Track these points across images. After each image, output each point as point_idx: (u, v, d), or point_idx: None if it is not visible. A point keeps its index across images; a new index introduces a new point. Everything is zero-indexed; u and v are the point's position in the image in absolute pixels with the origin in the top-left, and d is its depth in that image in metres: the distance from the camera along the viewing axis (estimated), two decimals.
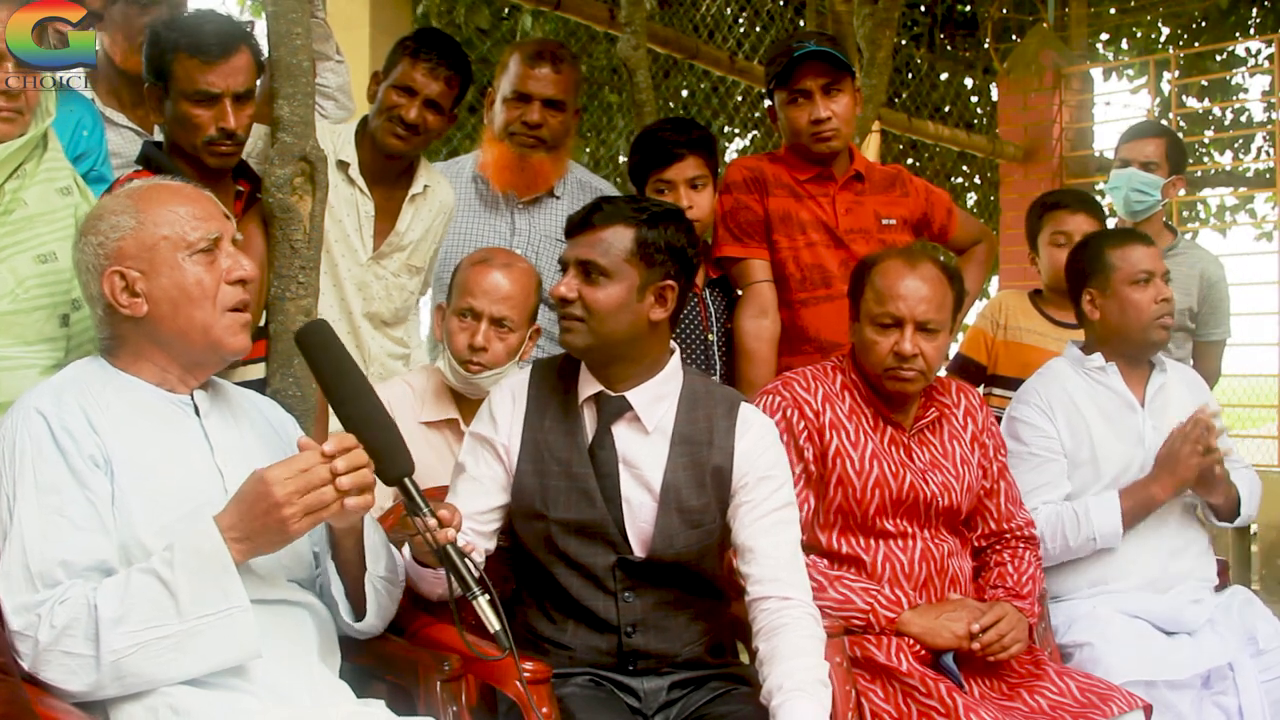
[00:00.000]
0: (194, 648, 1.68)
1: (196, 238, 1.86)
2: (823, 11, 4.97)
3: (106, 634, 1.65)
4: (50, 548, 1.70)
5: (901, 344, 2.38)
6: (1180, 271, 3.75)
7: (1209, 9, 7.71)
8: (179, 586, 1.67)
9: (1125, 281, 2.84)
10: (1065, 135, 7.34)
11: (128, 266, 1.84)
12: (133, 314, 1.85)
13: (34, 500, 1.72)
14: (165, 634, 1.67)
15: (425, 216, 2.95)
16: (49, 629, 1.66)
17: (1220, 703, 2.58)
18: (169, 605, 1.67)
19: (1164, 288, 2.85)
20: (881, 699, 2.24)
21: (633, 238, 2.10)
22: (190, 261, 1.86)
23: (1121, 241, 2.92)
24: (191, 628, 1.67)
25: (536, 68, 3.01)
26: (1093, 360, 2.90)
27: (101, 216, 1.89)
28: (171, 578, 1.68)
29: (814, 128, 2.96)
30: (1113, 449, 2.81)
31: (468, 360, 2.51)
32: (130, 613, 1.66)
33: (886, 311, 2.40)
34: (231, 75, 2.33)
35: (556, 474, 2.14)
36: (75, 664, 1.65)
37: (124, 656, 1.65)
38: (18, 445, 1.75)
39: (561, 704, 2.00)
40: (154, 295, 1.84)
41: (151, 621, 1.66)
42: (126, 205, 1.88)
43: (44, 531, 1.71)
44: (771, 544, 2.14)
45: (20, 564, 1.69)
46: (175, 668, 1.68)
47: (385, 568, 1.99)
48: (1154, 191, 3.69)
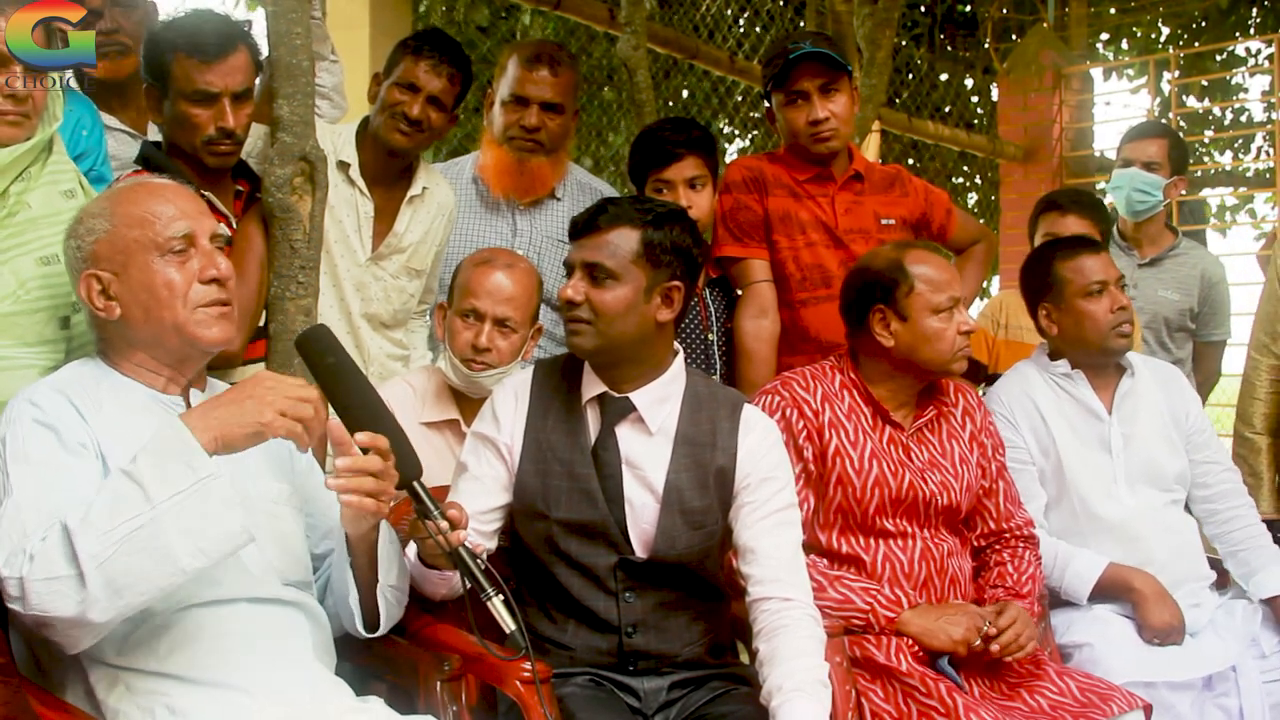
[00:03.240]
0: (175, 534, 1.58)
1: (167, 237, 1.85)
2: (823, 11, 4.97)
3: (80, 541, 1.56)
4: (44, 504, 1.66)
5: (966, 322, 2.45)
6: (1181, 272, 3.76)
7: (1209, 9, 7.71)
8: (142, 474, 1.59)
9: (1079, 295, 2.80)
10: (1065, 135, 7.33)
11: (101, 269, 1.84)
12: (108, 317, 1.85)
13: (26, 472, 1.70)
14: (138, 525, 1.57)
15: (424, 218, 2.95)
16: (28, 561, 1.59)
17: (1221, 704, 2.57)
18: (136, 495, 1.59)
19: (1119, 295, 2.80)
20: (881, 699, 2.25)
21: (639, 239, 2.10)
22: (162, 262, 1.84)
23: (1071, 253, 2.86)
24: (164, 510, 1.58)
25: (534, 71, 3.01)
26: (1058, 367, 2.87)
27: (81, 220, 1.89)
28: (133, 469, 1.60)
29: (812, 128, 2.96)
30: (1080, 458, 2.79)
31: (470, 360, 2.51)
32: (97, 514, 1.58)
33: (948, 295, 2.43)
34: (230, 75, 2.34)
35: (559, 474, 2.14)
36: (61, 586, 1.57)
37: (104, 561, 1.56)
38: (9, 433, 1.75)
39: (561, 704, 2.00)
40: (125, 298, 1.84)
41: (121, 516, 1.58)
42: (102, 208, 1.88)
43: (38, 494, 1.68)
44: (773, 545, 2.13)
45: (14, 520, 1.65)
46: (164, 562, 1.59)
47: (396, 577, 1.99)
48: (1156, 192, 3.70)
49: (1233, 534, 2.88)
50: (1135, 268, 3.75)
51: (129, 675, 1.73)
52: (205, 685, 1.73)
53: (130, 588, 1.59)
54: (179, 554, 1.59)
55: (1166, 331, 3.73)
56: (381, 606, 1.96)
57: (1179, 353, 3.73)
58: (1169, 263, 3.77)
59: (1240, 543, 2.86)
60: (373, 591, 1.95)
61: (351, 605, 1.93)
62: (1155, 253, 3.78)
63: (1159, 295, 3.74)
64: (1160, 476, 2.82)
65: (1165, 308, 3.73)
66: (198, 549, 1.61)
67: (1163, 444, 2.84)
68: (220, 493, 1.61)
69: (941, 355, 2.43)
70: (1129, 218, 3.77)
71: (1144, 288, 3.74)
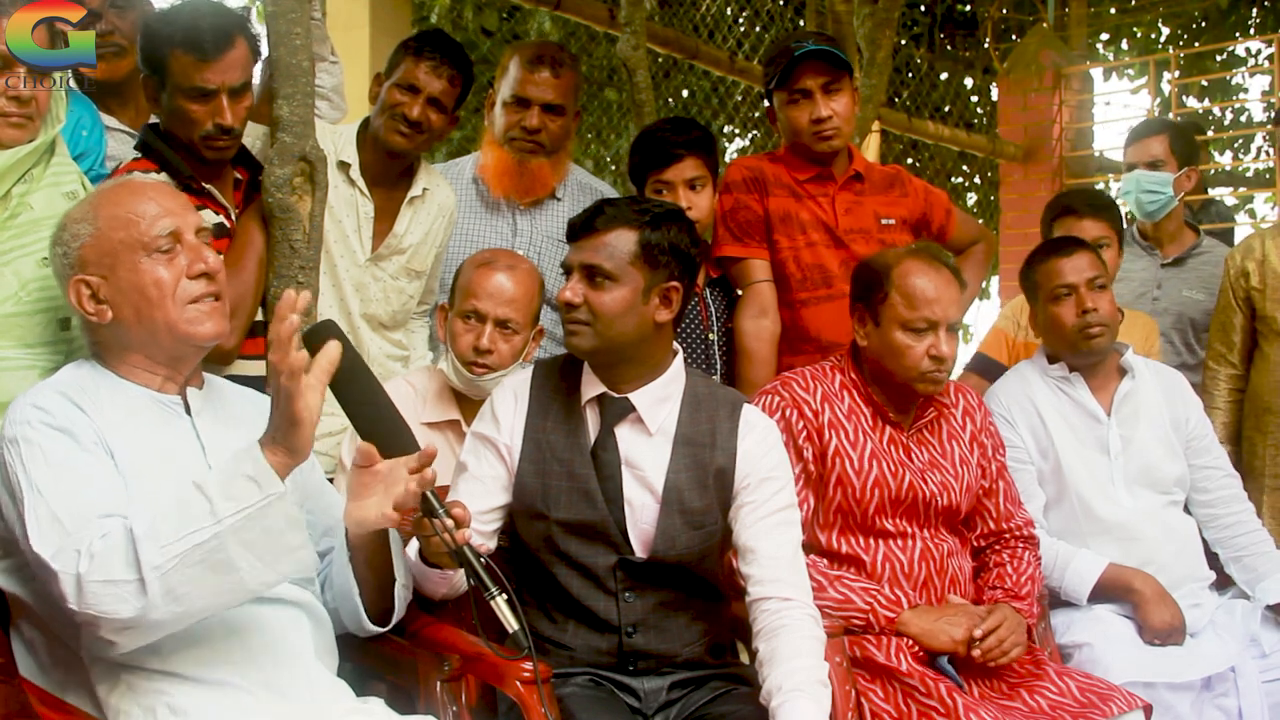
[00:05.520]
0: (236, 547, 1.59)
1: (153, 236, 1.84)
2: (823, 11, 4.97)
3: (144, 550, 1.57)
4: (77, 502, 1.67)
5: (938, 346, 2.39)
6: (1205, 271, 3.70)
7: (1209, 9, 7.71)
8: (210, 488, 1.60)
9: (1047, 298, 2.82)
10: (1065, 135, 7.33)
11: (90, 274, 1.84)
12: (100, 321, 1.84)
13: (50, 474, 1.69)
14: (201, 539, 1.58)
15: (424, 219, 2.95)
16: (88, 559, 1.59)
17: (1221, 704, 2.57)
18: (202, 508, 1.59)
19: (1087, 298, 2.76)
20: (881, 699, 2.25)
21: (636, 240, 2.10)
22: (150, 262, 1.84)
23: (1045, 256, 2.86)
24: (228, 525, 1.59)
25: (536, 72, 3.01)
26: (1056, 369, 2.87)
27: (65, 225, 1.88)
28: (203, 482, 1.61)
29: (815, 127, 2.96)
30: (1079, 459, 2.79)
31: (472, 362, 2.51)
32: (164, 524, 1.59)
33: (921, 316, 2.39)
34: (227, 70, 2.32)
35: (558, 474, 2.15)
36: (121, 590, 1.58)
37: (167, 570, 1.57)
38: (21, 438, 1.74)
39: (561, 704, 2.00)
40: (115, 300, 1.84)
41: (186, 528, 1.58)
42: (86, 212, 1.88)
43: (67, 489, 1.68)
44: (773, 545, 2.13)
45: (49, 519, 1.65)
46: (226, 575, 1.60)
47: (405, 574, 1.99)
48: (1165, 188, 3.66)
49: (1236, 539, 2.88)
50: (1158, 268, 3.72)
51: (131, 674, 1.73)
52: (207, 684, 1.73)
53: (190, 596, 1.60)
54: (240, 567, 1.61)
55: (1193, 332, 3.67)
56: (399, 605, 1.96)
57: (1205, 353, 3.70)
58: (1192, 262, 3.71)
59: (1244, 548, 2.86)
60: (377, 587, 1.95)
61: (355, 601, 1.93)
62: (1178, 252, 3.73)
63: (1183, 295, 3.68)
64: (1159, 480, 2.82)
65: (1190, 308, 3.67)
66: (260, 563, 1.62)
67: (1162, 447, 2.84)
68: (283, 510, 1.63)
69: (905, 371, 2.41)
70: (1144, 220, 3.74)
71: (1168, 288, 3.69)
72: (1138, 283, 3.67)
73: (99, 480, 1.71)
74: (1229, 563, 2.88)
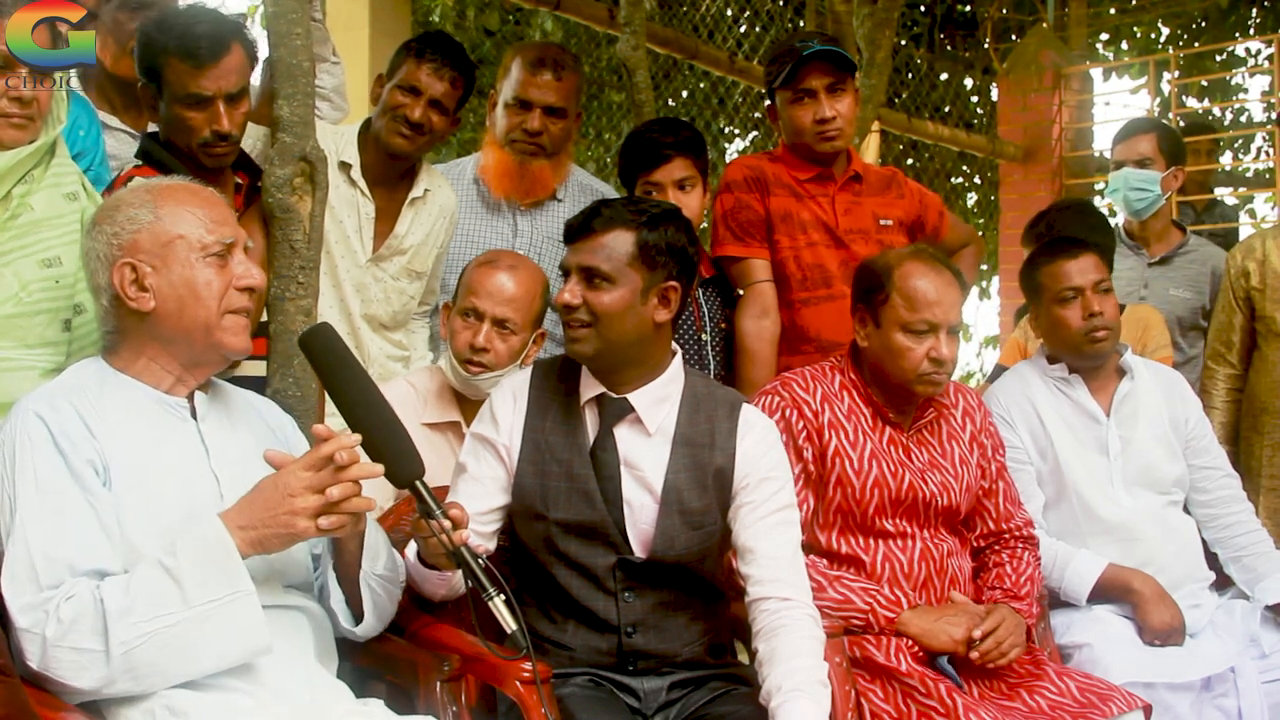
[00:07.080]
0: (202, 637, 1.68)
1: (211, 240, 1.87)
2: (822, 11, 4.98)
3: (114, 626, 1.64)
4: (53, 548, 1.70)
5: (938, 349, 2.39)
6: (1192, 270, 3.72)
7: (1209, 9, 7.70)
8: (183, 574, 1.68)
9: (1052, 301, 2.81)
10: (1065, 135, 7.33)
11: (140, 259, 1.84)
12: (139, 308, 1.85)
13: (35, 501, 1.72)
14: (172, 622, 1.66)
15: (425, 220, 2.95)
16: (56, 624, 1.65)
17: (1221, 705, 2.57)
18: (174, 593, 1.67)
19: (1094, 300, 2.76)
20: (881, 699, 2.25)
21: (634, 241, 2.10)
22: (203, 263, 1.87)
23: (1050, 258, 2.85)
24: (198, 614, 1.67)
25: (538, 74, 3.01)
26: (1055, 370, 2.87)
27: (118, 208, 1.89)
28: (175, 565, 1.68)
29: (818, 127, 2.96)
30: (1078, 459, 2.79)
31: (468, 360, 2.51)
32: (136, 603, 1.66)
33: (922, 318, 2.39)
34: (223, 77, 2.33)
35: (557, 475, 2.15)
36: (85, 659, 1.65)
37: (133, 648, 1.65)
38: (18, 446, 1.75)
39: (561, 704, 2.00)
40: (162, 291, 1.84)
41: (158, 610, 1.66)
42: (145, 200, 1.89)
43: (47, 532, 1.71)
44: (772, 545, 2.13)
45: (25, 564, 1.69)
46: (186, 661, 1.68)
47: (384, 566, 1.99)
48: (1152, 186, 3.67)
49: (1235, 539, 2.88)
50: (1145, 267, 3.73)
51: None
52: (206, 687, 1.73)
53: (148, 677, 1.68)
54: (201, 656, 1.69)
55: (1180, 330, 3.69)
56: (366, 595, 1.96)
57: (1191, 351, 3.69)
58: (1179, 261, 3.73)
59: (1244, 548, 2.86)
60: (357, 580, 1.95)
61: (335, 604, 1.95)
62: (1164, 251, 3.74)
63: (1170, 294, 3.69)
64: (1158, 480, 2.82)
65: (1178, 307, 3.68)
66: (219, 655, 1.71)
67: (1161, 448, 2.84)
68: (251, 609, 1.71)
69: (904, 373, 2.41)
70: (1132, 217, 3.76)
71: (1155, 287, 3.70)
72: (1125, 282, 3.67)
73: (81, 529, 1.72)
74: (1228, 563, 2.88)
